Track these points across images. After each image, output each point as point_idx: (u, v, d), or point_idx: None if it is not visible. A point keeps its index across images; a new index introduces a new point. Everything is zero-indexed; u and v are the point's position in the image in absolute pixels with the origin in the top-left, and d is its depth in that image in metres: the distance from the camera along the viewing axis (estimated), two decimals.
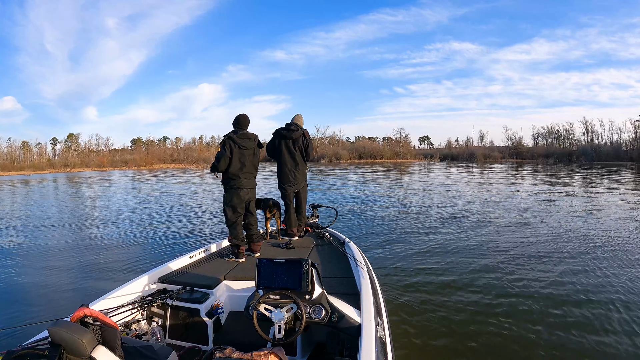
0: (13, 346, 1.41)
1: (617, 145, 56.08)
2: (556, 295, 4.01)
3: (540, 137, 66.53)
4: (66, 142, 70.83)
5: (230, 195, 3.36)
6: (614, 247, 5.92)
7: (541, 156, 57.40)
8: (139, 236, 7.54)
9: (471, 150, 64.81)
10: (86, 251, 6.43)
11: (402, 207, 10.76)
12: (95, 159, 55.39)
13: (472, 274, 4.72)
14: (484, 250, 5.84)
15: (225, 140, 3.31)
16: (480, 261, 5.27)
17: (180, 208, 11.60)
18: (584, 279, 4.48)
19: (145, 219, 9.71)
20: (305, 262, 1.99)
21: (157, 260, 5.54)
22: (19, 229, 8.92)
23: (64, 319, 1.44)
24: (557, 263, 5.14)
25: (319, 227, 4.30)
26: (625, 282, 4.34)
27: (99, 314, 1.55)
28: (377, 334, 1.82)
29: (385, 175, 26.45)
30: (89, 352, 1.32)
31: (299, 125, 4.12)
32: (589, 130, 60.62)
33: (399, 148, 66.00)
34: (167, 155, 57.15)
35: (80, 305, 1.62)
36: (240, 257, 3.26)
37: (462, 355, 2.91)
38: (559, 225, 7.79)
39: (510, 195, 13.73)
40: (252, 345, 1.80)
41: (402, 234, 7.13)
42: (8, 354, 1.31)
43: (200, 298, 2.50)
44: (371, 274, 2.77)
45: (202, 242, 6.60)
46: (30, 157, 61.05)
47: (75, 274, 5.12)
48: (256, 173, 3.50)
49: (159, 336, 2.28)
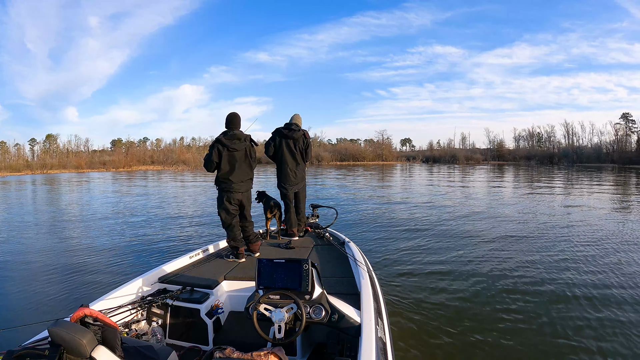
0: (13, 346, 1.41)
1: (598, 147, 57.13)
2: (557, 295, 4.01)
3: (521, 139, 67.71)
4: (45, 143, 68.78)
5: (222, 198, 3.30)
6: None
7: (523, 158, 57.98)
8: (139, 236, 7.53)
9: (453, 152, 65.05)
10: (86, 252, 6.42)
11: (399, 207, 10.77)
12: (74, 161, 54.31)
13: (473, 274, 4.71)
14: (484, 251, 5.83)
15: (213, 144, 3.23)
16: (481, 261, 5.27)
17: (178, 208, 11.60)
18: (601, 280, 4.48)
19: (142, 220, 9.71)
20: (305, 262, 1.99)
21: (157, 260, 5.54)
22: (11, 232, 8.92)
23: (64, 319, 1.44)
24: (562, 266, 5.14)
25: (319, 227, 4.30)
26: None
27: (99, 314, 1.55)
28: (377, 334, 1.82)
29: (373, 178, 26.41)
30: (89, 352, 1.32)
31: (298, 126, 4.12)
32: (569, 133, 61.84)
33: (380, 150, 65.60)
34: (147, 157, 56.13)
35: (80, 305, 1.62)
36: (240, 258, 3.26)
37: (463, 355, 2.91)
38: (568, 230, 7.80)
39: (509, 197, 13.80)
40: (252, 345, 1.80)
41: (402, 234, 7.13)
42: (8, 354, 1.31)
43: (200, 298, 2.50)
44: (371, 274, 2.77)
45: (202, 242, 6.60)
46: (8, 158, 58.93)
47: (75, 275, 5.12)
48: (252, 174, 3.40)
49: (159, 336, 2.28)
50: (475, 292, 4.14)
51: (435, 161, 62.01)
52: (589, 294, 4.03)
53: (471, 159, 60.22)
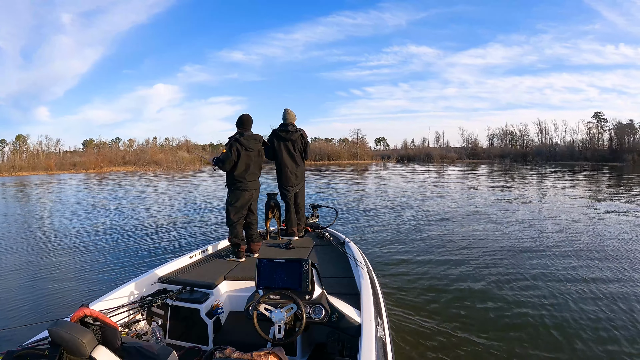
0: (13, 346, 1.41)
1: (571, 145, 58.37)
2: (558, 295, 4.01)
3: (495, 138, 68.31)
4: (14, 144, 63.58)
5: (236, 196, 3.36)
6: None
7: (497, 156, 58.41)
8: (138, 237, 7.54)
9: (427, 151, 65.17)
10: (85, 252, 6.42)
11: (396, 207, 10.78)
12: (43, 162, 51.65)
13: (473, 274, 4.72)
14: (484, 251, 5.83)
15: (232, 143, 3.31)
16: (481, 261, 5.27)
17: (175, 209, 11.60)
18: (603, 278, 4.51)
19: (139, 221, 9.71)
20: (305, 262, 1.99)
21: (157, 260, 5.54)
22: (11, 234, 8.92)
23: (64, 319, 1.44)
24: (558, 263, 5.14)
25: (319, 227, 4.30)
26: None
27: (99, 314, 1.55)
28: (377, 334, 1.82)
29: (356, 177, 26.42)
30: (89, 352, 1.32)
31: (295, 126, 4.12)
32: (543, 132, 62.59)
33: (355, 149, 65.27)
34: (119, 158, 54.38)
35: (80, 305, 1.62)
36: (241, 257, 3.26)
37: (463, 355, 2.91)
38: (564, 229, 7.80)
39: (496, 196, 13.79)
40: (252, 345, 1.80)
41: (401, 234, 7.14)
42: (8, 354, 1.32)
43: (200, 298, 2.50)
44: (371, 274, 2.77)
45: (202, 242, 6.60)
46: None
47: (75, 275, 5.12)
48: (260, 174, 3.51)
49: (159, 336, 2.28)
50: (475, 292, 4.14)
51: (410, 160, 62.10)
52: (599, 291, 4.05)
53: (446, 158, 60.36)
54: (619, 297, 3.93)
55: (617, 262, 5.14)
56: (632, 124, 54.62)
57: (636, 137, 54.05)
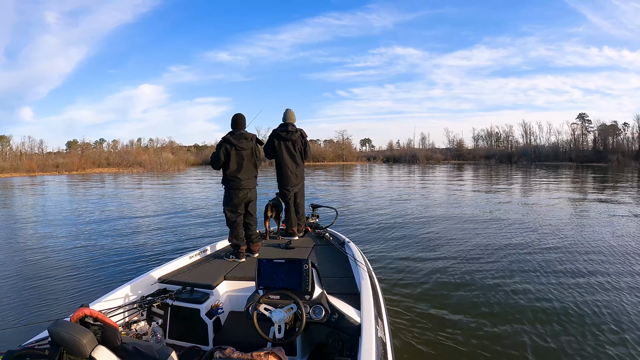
0: (13, 346, 1.41)
1: (555, 146, 58.62)
2: (558, 296, 4.01)
3: (480, 139, 68.25)
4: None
5: (230, 196, 3.37)
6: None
7: (482, 157, 58.46)
8: (138, 237, 7.53)
9: (413, 152, 64.84)
10: (85, 252, 6.42)
11: (396, 207, 10.77)
12: (25, 163, 50.01)
13: (473, 274, 4.71)
14: (484, 251, 5.83)
15: (221, 142, 3.32)
16: (481, 260, 5.26)
17: (174, 209, 11.60)
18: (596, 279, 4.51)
19: (139, 221, 9.71)
20: (305, 262, 1.99)
21: (157, 260, 5.54)
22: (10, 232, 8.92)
23: (64, 319, 1.44)
24: (554, 266, 5.14)
25: (319, 227, 4.30)
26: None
27: (99, 314, 1.55)
28: (377, 334, 1.82)
29: (347, 179, 26.42)
30: (89, 352, 1.32)
31: (295, 126, 4.12)
32: (527, 132, 62.63)
33: (341, 150, 64.71)
34: (103, 159, 53.35)
35: (80, 305, 1.62)
36: (241, 257, 3.26)
37: (463, 355, 2.91)
38: (558, 230, 7.80)
39: (489, 196, 13.81)
40: (252, 345, 1.80)
41: (401, 234, 7.13)
42: (8, 354, 1.32)
43: (200, 298, 2.50)
44: (371, 274, 2.77)
45: (202, 242, 6.60)
46: None
47: (75, 275, 5.12)
48: (256, 172, 3.50)
49: (159, 336, 2.27)
50: (476, 292, 4.13)
51: (396, 161, 61.57)
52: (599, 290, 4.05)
53: (431, 159, 60.19)
54: (609, 288, 4.12)
55: (602, 256, 5.43)
56: (615, 125, 55.11)
57: (620, 138, 54.64)
